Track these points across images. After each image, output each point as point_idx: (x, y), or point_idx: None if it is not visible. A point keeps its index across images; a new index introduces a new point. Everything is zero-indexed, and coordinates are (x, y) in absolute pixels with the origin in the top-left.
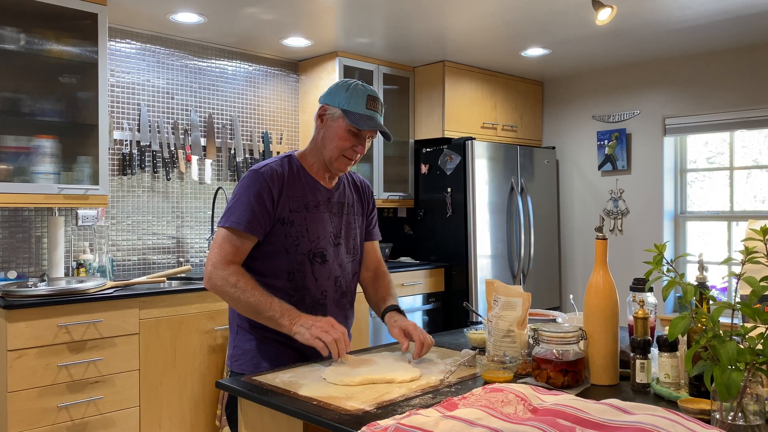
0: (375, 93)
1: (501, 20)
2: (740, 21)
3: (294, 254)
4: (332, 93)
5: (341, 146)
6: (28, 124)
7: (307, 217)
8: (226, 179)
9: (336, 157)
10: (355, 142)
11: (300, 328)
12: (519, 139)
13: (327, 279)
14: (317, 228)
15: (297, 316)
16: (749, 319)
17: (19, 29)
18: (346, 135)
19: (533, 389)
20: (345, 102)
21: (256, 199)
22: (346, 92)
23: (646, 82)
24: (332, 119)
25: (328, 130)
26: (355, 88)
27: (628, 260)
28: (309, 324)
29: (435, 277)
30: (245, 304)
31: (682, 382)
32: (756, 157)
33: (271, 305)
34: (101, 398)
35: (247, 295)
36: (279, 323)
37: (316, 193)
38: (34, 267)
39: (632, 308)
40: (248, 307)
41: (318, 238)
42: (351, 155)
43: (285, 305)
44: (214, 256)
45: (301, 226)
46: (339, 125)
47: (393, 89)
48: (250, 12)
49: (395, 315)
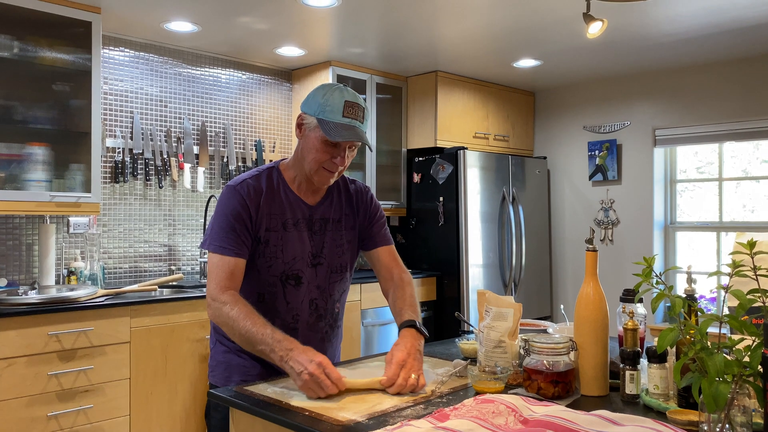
0: (355, 98)
1: (493, 32)
2: (729, 34)
3: (265, 275)
4: (309, 100)
5: (319, 159)
6: (20, 131)
7: (284, 236)
8: (218, 187)
9: (315, 170)
10: (334, 153)
11: (291, 370)
12: (510, 148)
13: (301, 302)
14: (293, 248)
15: (287, 350)
16: (737, 331)
17: (13, 37)
18: (323, 146)
19: (524, 400)
20: (320, 110)
21: (235, 218)
22: (321, 98)
23: (637, 94)
24: (309, 129)
25: (306, 141)
26: (331, 93)
27: (618, 270)
28: (299, 368)
29: (427, 286)
30: (239, 335)
31: (671, 394)
32: (745, 167)
33: (263, 337)
34: (91, 407)
35: (240, 325)
36: (270, 358)
37: (296, 210)
38: (25, 275)
39: (622, 319)
40: (242, 339)
41: (294, 259)
42: (331, 167)
43: (278, 335)
44: (210, 285)
45: (276, 246)
46: (315, 136)
47: (386, 98)
48: (244, 21)
49: (405, 334)
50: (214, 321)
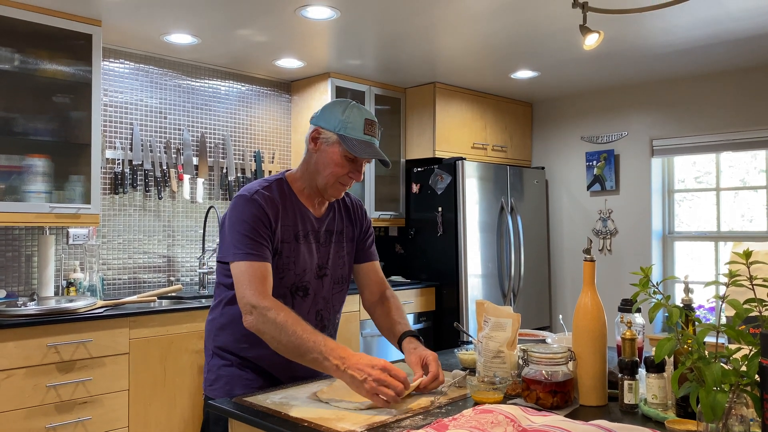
0: (372, 116)
1: (490, 43)
2: (725, 46)
3: (277, 287)
4: (327, 115)
5: (337, 173)
6: (20, 143)
7: (296, 248)
8: (217, 198)
9: (331, 183)
10: (352, 168)
11: (351, 379)
12: (509, 159)
13: (307, 313)
14: (304, 260)
15: (343, 358)
16: (735, 340)
17: (14, 49)
18: (342, 161)
19: (523, 410)
20: (341, 126)
21: (256, 224)
22: (342, 115)
23: (634, 104)
24: (327, 144)
25: (323, 155)
26: (350, 110)
27: (616, 279)
28: (362, 375)
29: (426, 296)
30: (286, 342)
31: (669, 403)
32: (743, 177)
33: (315, 345)
34: (90, 419)
35: (289, 331)
36: (323, 366)
37: (306, 222)
38: (24, 286)
39: (620, 329)
40: (289, 346)
41: (304, 270)
42: (346, 182)
43: (329, 343)
44: (245, 293)
45: (288, 258)
46: (334, 151)
47: (385, 109)
48: (244, 34)
49: (414, 341)
50: (256, 329)
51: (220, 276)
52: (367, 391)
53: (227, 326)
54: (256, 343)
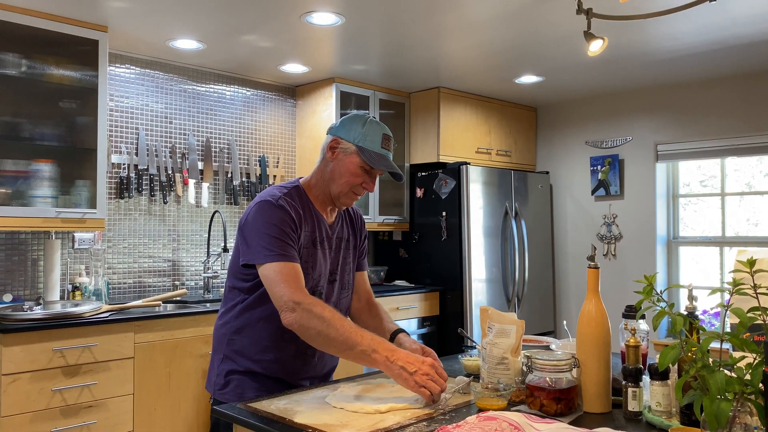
0: (389, 132)
1: (494, 49)
2: (729, 51)
3: None
4: (346, 127)
5: (352, 182)
6: (27, 148)
7: (314, 253)
8: (222, 203)
9: (345, 192)
10: (366, 179)
11: (401, 371)
12: (513, 164)
13: None
14: (320, 266)
15: (392, 350)
16: (739, 348)
17: (21, 55)
18: (359, 171)
19: (527, 417)
20: (360, 138)
21: (284, 226)
22: (362, 128)
23: (638, 109)
24: (345, 154)
25: (339, 165)
26: (371, 124)
27: (621, 285)
28: (412, 368)
29: (430, 300)
30: (335, 336)
31: (673, 411)
32: (749, 181)
33: (363, 338)
34: (95, 423)
35: (337, 325)
36: (372, 359)
37: (322, 228)
38: (30, 290)
39: (624, 335)
40: (338, 339)
41: (319, 276)
42: (359, 191)
43: (376, 338)
44: (284, 292)
45: (306, 263)
46: (352, 161)
47: (389, 114)
48: (249, 39)
49: (409, 338)
50: (299, 325)
51: (236, 280)
52: (416, 383)
53: (244, 330)
54: (276, 347)
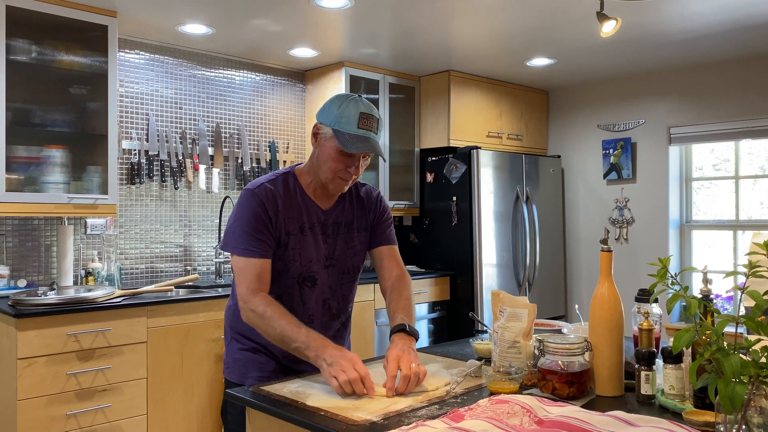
0: (369, 109)
1: (506, 31)
2: (744, 31)
3: (285, 278)
4: (325, 110)
5: (334, 168)
6: (38, 134)
7: (301, 239)
8: (233, 188)
9: (331, 178)
10: (348, 163)
11: (322, 362)
12: (524, 147)
13: (315, 302)
14: (310, 251)
15: (322, 347)
16: (754, 331)
17: (31, 41)
18: (338, 156)
19: (539, 400)
20: (336, 121)
21: (257, 220)
22: (337, 109)
23: (651, 92)
24: (325, 139)
25: (322, 151)
26: (347, 105)
27: (633, 269)
28: (331, 360)
29: (440, 285)
30: (273, 334)
31: (687, 394)
32: (762, 164)
33: (298, 335)
34: (109, 406)
35: (274, 325)
36: (305, 354)
37: (312, 214)
38: (44, 275)
39: (637, 319)
40: (276, 338)
41: (310, 261)
42: (346, 176)
43: (312, 334)
44: (240, 289)
45: (294, 250)
46: (331, 146)
47: (399, 98)
48: (258, 23)
49: (394, 338)
50: (249, 323)
51: None
52: (329, 374)
53: None
54: None
